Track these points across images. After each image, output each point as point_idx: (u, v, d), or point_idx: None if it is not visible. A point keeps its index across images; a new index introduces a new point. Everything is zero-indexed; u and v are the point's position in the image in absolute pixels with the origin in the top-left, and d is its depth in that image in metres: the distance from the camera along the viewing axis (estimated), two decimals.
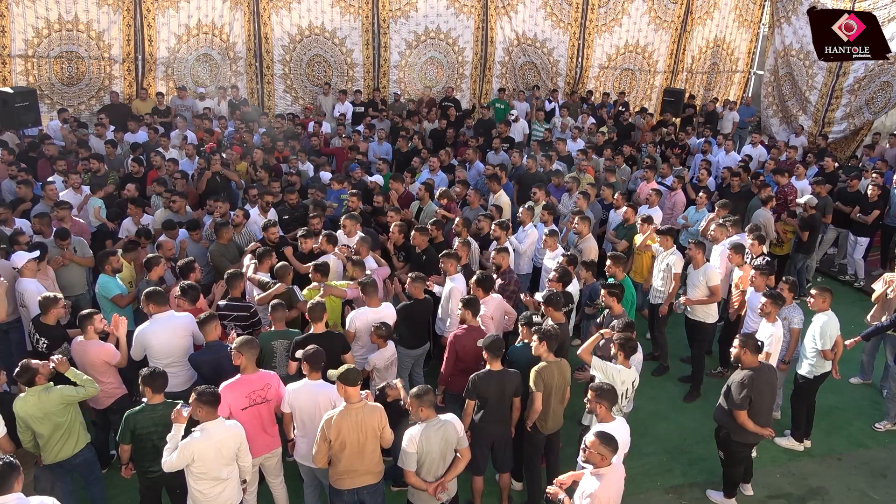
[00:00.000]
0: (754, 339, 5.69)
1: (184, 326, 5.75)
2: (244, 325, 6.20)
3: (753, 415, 5.65)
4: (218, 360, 5.37)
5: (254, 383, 5.12)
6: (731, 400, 5.65)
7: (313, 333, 5.77)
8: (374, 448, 4.83)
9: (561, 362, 5.56)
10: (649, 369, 8.02)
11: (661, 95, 17.44)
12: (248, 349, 5.11)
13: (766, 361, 5.91)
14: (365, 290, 6.29)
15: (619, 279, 7.12)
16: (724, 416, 5.83)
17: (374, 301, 6.32)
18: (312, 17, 14.97)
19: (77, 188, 9.15)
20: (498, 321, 6.64)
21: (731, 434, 5.81)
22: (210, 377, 5.27)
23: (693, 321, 7.64)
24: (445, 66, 16.28)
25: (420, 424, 4.74)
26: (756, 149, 13.07)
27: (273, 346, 5.99)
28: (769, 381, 5.74)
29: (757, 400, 5.61)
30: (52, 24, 13.08)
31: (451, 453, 4.84)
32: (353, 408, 4.72)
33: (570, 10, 16.36)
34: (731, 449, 5.92)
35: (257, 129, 12.71)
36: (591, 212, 9.10)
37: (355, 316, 6.31)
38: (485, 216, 8.40)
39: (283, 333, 6.04)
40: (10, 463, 4.04)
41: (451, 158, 11.46)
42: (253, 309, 6.36)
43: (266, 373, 5.28)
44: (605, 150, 11.82)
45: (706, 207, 9.77)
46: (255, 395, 5.10)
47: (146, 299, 5.81)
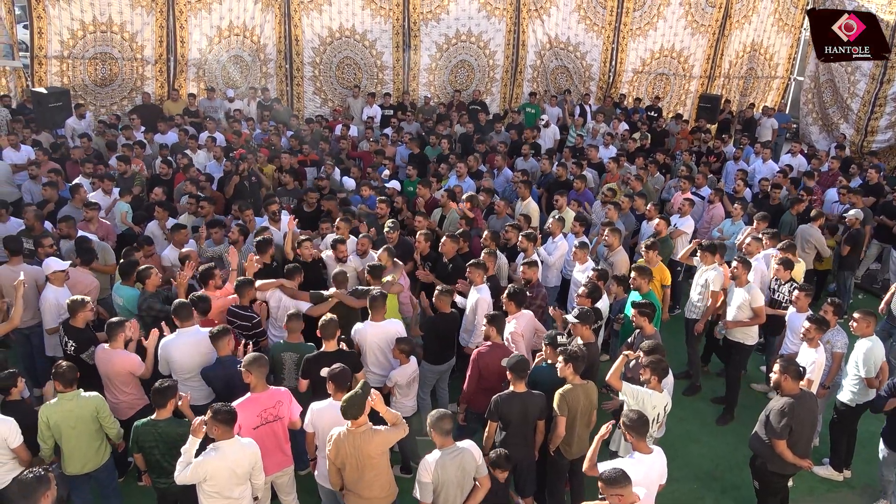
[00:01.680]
0: (796, 365, 5.40)
1: (207, 343, 5.63)
2: (246, 336, 6.07)
3: (793, 444, 5.36)
4: (230, 375, 5.25)
5: (265, 401, 5.00)
6: (770, 428, 5.37)
7: (325, 352, 5.61)
8: (374, 475, 4.63)
9: (587, 385, 5.33)
10: (679, 388, 7.71)
11: (696, 101, 17.02)
12: (257, 367, 4.99)
13: (807, 388, 5.61)
14: (372, 303, 6.09)
15: (643, 292, 6.86)
16: (761, 444, 5.55)
17: (379, 315, 6.10)
18: (343, 20, 14.91)
19: (108, 191, 9.16)
20: (528, 339, 6.38)
21: (767, 463, 5.53)
22: (222, 393, 5.17)
23: (731, 342, 7.28)
24: (476, 70, 16.09)
25: (436, 452, 4.57)
26: (796, 158, 12.60)
27: (282, 357, 5.86)
28: (810, 410, 5.45)
29: (797, 429, 5.32)
30: (87, 25, 13.22)
31: (469, 482, 4.65)
32: (353, 431, 4.56)
33: (604, 13, 16.04)
34: (767, 479, 5.63)
35: (285, 132, 12.67)
36: (622, 223, 8.84)
37: (357, 330, 6.10)
38: (512, 226, 8.18)
39: (294, 346, 5.89)
40: (38, 476, 3.83)
41: (479, 164, 11.26)
42: (256, 319, 6.23)
43: (277, 390, 5.14)
44: (637, 158, 11.48)
45: (742, 220, 9.43)
46: (267, 414, 4.97)
47: (173, 314, 5.74)
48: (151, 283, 6.63)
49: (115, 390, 5.66)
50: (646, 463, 4.54)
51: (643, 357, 5.41)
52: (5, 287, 6.59)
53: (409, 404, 6.14)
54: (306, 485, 5.84)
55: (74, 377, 4.98)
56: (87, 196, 8.83)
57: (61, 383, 4.92)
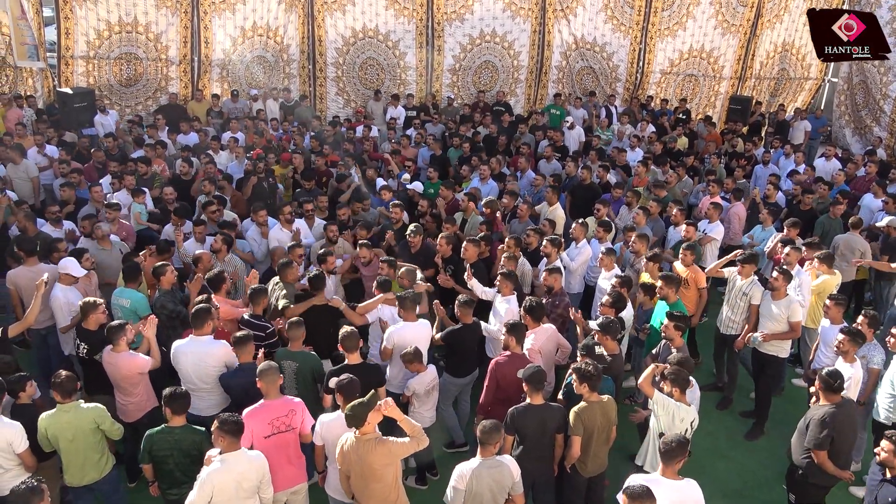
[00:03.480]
0: (835, 379, 5.13)
1: (215, 356, 5.51)
2: (258, 345, 5.94)
3: (833, 455, 5.17)
4: (250, 384, 5.10)
5: (277, 409, 4.86)
6: (811, 438, 5.15)
7: (348, 364, 5.46)
8: (380, 487, 4.48)
9: (604, 402, 5.09)
10: (710, 401, 7.43)
11: (726, 103, 16.61)
12: (268, 374, 4.86)
13: (847, 396, 5.34)
14: (402, 303, 5.96)
15: (671, 301, 6.60)
16: (800, 454, 5.32)
17: (412, 315, 5.98)
18: (367, 20, 14.81)
19: (130, 188, 9.14)
20: (548, 355, 6.09)
21: (808, 475, 5.30)
22: (241, 401, 5.04)
23: (763, 354, 6.93)
24: (500, 71, 15.88)
25: (474, 460, 4.44)
26: (830, 162, 12.18)
27: (282, 365, 5.69)
28: (850, 419, 5.24)
29: (837, 440, 5.12)
30: (113, 26, 13.31)
31: (502, 497, 4.51)
32: (359, 439, 4.43)
33: (631, 13, 15.72)
34: (805, 490, 5.40)
35: (308, 132, 12.59)
36: (650, 228, 8.57)
37: (393, 332, 5.96)
38: (534, 230, 7.96)
39: (293, 355, 5.74)
40: (32, 487, 3.83)
41: (502, 166, 11.06)
42: (270, 329, 6.10)
43: (290, 399, 5.01)
44: (664, 162, 11.16)
45: (774, 226, 9.11)
46: (279, 423, 4.83)
47: (192, 318, 5.63)
48: (167, 281, 6.60)
49: (124, 393, 5.58)
50: (676, 488, 4.32)
51: (669, 367, 5.18)
52: (24, 288, 6.57)
53: (427, 415, 5.97)
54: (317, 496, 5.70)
55: (73, 388, 4.89)
56: (109, 197, 8.84)
57: (60, 394, 4.83)
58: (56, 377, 4.88)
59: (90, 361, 5.66)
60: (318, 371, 5.83)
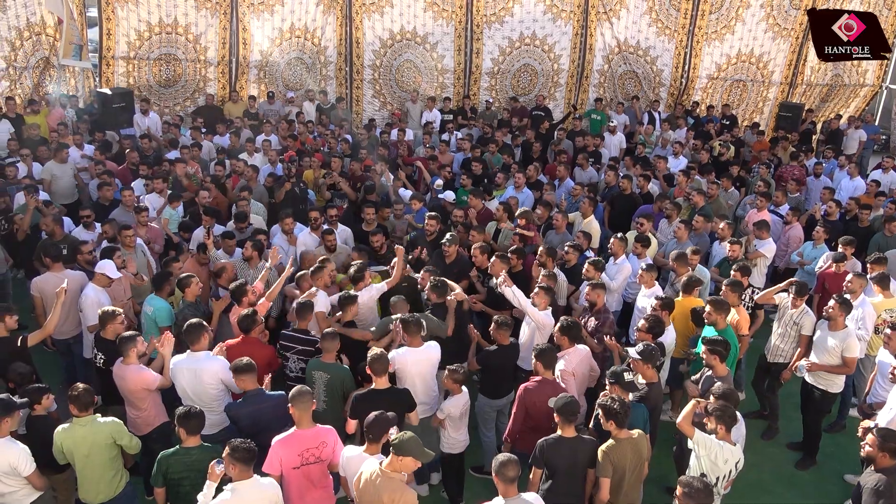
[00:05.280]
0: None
1: (212, 373, 5.29)
2: (307, 360, 5.75)
3: None
4: (259, 411, 4.90)
5: (309, 440, 4.59)
6: None
7: (376, 389, 5.18)
8: None
9: (635, 438, 4.71)
10: (754, 429, 6.97)
11: (774, 109, 15.95)
12: (301, 400, 4.58)
13: None
14: (406, 328, 5.64)
15: (720, 328, 6.19)
16: None
17: (416, 340, 5.67)
18: (404, 22, 14.62)
19: (161, 192, 9.11)
20: (581, 379, 5.78)
21: None
22: (249, 431, 4.82)
23: (812, 387, 6.45)
24: (540, 74, 15.52)
25: (497, 500, 4.14)
26: (888, 174, 11.50)
27: (313, 375, 5.55)
28: None
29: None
30: (153, 27, 13.36)
31: None
32: (386, 474, 4.16)
33: (677, 16, 15.19)
34: None
35: (342, 136, 12.45)
36: (692, 244, 8.14)
37: (395, 357, 5.59)
38: (572, 246, 7.61)
39: (325, 366, 5.54)
40: None
41: (538, 174, 10.72)
42: (318, 344, 5.88)
43: (323, 428, 4.72)
44: (709, 172, 10.65)
45: (825, 243, 8.59)
46: (309, 455, 4.57)
47: (185, 333, 5.43)
48: (191, 293, 6.45)
49: (133, 406, 5.44)
50: None
51: (713, 402, 4.80)
52: (49, 295, 6.50)
53: (461, 438, 5.69)
54: None
55: (91, 401, 4.75)
56: (142, 199, 8.81)
57: (77, 407, 4.69)
58: (73, 390, 4.75)
59: (107, 371, 5.54)
60: (348, 385, 5.63)
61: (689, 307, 6.71)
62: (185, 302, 6.43)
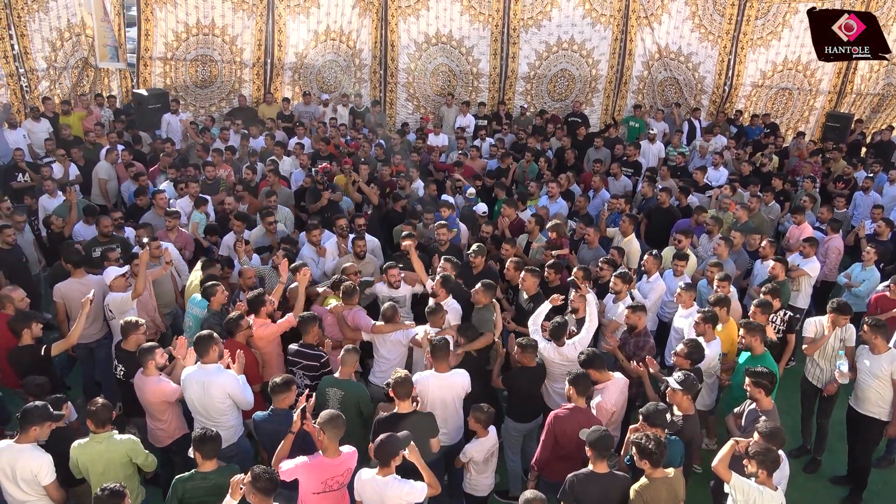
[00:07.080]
0: None
1: (219, 385, 5.16)
2: (312, 376, 5.63)
3: None
4: (280, 433, 4.76)
5: (334, 469, 4.46)
6: None
7: (398, 413, 5.02)
8: None
9: (670, 477, 4.43)
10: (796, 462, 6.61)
11: (821, 119, 15.35)
12: (332, 427, 4.43)
13: None
14: (434, 352, 5.41)
15: (757, 353, 5.87)
16: None
17: (443, 366, 5.44)
18: (440, 25, 14.45)
19: (193, 195, 9.06)
20: (619, 412, 5.48)
21: None
22: (270, 447, 4.70)
23: (861, 415, 6.08)
24: (577, 80, 15.20)
25: None
26: None
27: (327, 393, 5.40)
28: None
29: None
30: (191, 28, 13.42)
31: None
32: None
33: (721, 21, 14.73)
34: None
35: (375, 140, 12.32)
36: (732, 261, 7.80)
37: (419, 381, 5.36)
38: (606, 262, 7.34)
39: (340, 383, 5.40)
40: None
41: (571, 184, 10.43)
42: (324, 359, 5.78)
43: (347, 455, 4.58)
44: (751, 184, 10.22)
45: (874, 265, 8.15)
46: (332, 482, 4.44)
47: (195, 345, 5.31)
48: (216, 301, 6.39)
49: (153, 418, 5.37)
50: None
51: (755, 443, 4.49)
52: (72, 301, 6.48)
53: (486, 482, 5.45)
54: None
55: (108, 417, 4.67)
56: (171, 202, 8.79)
57: (94, 423, 4.61)
58: (91, 405, 4.68)
59: (128, 383, 5.47)
60: (364, 403, 5.49)
61: None
62: (210, 311, 6.35)
